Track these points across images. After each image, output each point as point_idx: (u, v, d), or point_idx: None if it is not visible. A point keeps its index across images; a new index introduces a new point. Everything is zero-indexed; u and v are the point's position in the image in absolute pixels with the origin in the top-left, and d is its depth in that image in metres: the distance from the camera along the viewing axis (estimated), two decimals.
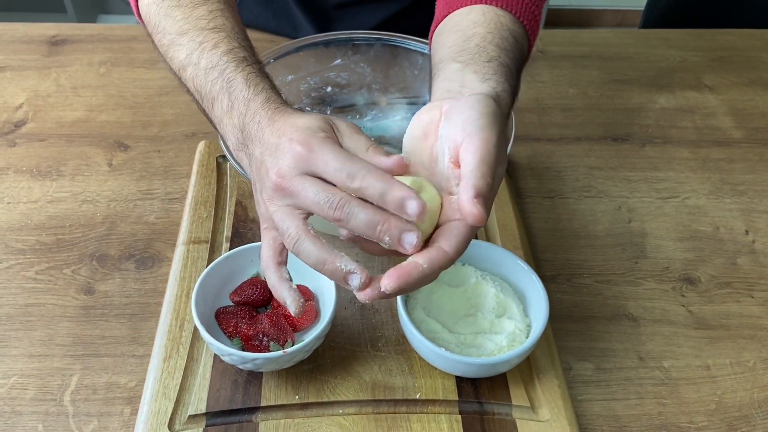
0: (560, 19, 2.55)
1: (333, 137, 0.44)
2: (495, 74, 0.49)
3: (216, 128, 0.53)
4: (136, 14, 0.62)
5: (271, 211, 0.44)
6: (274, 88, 0.51)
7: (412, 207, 0.39)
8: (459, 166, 0.43)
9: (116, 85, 0.91)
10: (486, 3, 0.56)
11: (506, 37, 0.53)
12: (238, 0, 0.98)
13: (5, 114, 0.85)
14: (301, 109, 0.48)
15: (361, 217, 0.40)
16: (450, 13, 0.58)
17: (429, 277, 0.41)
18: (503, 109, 0.47)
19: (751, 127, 0.90)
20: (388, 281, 0.40)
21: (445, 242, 0.42)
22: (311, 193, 0.42)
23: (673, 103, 0.93)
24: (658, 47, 1.03)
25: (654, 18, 1.25)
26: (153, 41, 0.59)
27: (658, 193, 0.79)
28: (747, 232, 0.75)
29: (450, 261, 0.42)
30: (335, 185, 0.42)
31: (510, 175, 0.79)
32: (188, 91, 0.56)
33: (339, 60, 0.77)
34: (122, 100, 0.88)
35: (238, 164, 0.53)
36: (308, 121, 0.44)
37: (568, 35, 1.06)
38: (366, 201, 0.41)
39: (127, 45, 0.98)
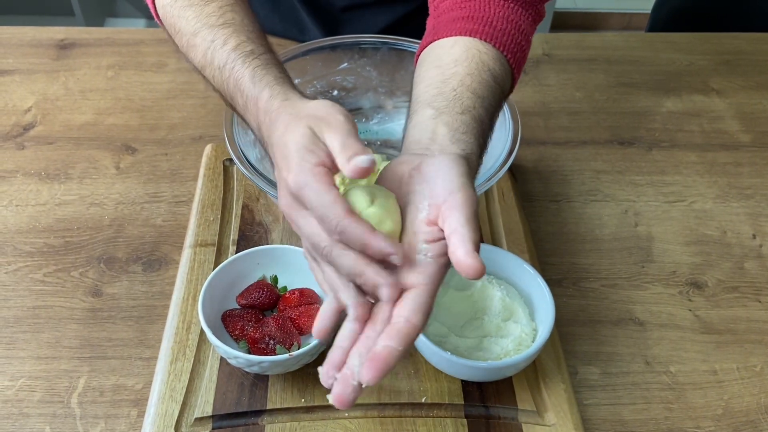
0: (566, 22, 2.54)
1: (324, 161, 0.42)
2: (465, 133, 0.49)
3: (245, 122, 0.54)
4: (155, 17, 0.62)
5: (291, 217, 0.45)
6: (277, 77, 0.50)
7: (397, 258, 0.40)
8: (435, 224, 0.43)
9: (124, 88, 0.91)
10: (471, 35, 0.55)
11: (485, 80, 0.53)
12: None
13: (14, 117, 0.86)
14: (302, 94, 0.48)
15: (343, 266, 0.41)
16: (435, 40, 0.57)
17: (404, 355, 0.41)
18: (472, 169, 0.47)
19: (759, 131, 0.89)
20: (367, 373, 0.39)
21: (414, 315, 0.41)
22: (305, 233, 0.43)
23: (680, 107, 0.93)
24: (665, 51, 1.03)
25: (661, 21, 1.25)
26: (175, 44, 0.59)
27: (665, 197, 0.79)
28: (754, 236, 0.75)
29: (419, 332, 0.42)
30: None
31: (516, 178, 0.79)
32: (214, 89, 0.56)
33: (346, 63, 0.77)
34: (130, 104, 0.89)
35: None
36: (299, 143, 0.43)
37: (574, 38, 1.06)
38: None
39: (135, 49, 0.98)
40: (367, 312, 0.42)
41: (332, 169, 0.43)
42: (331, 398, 0.40)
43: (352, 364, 0.41)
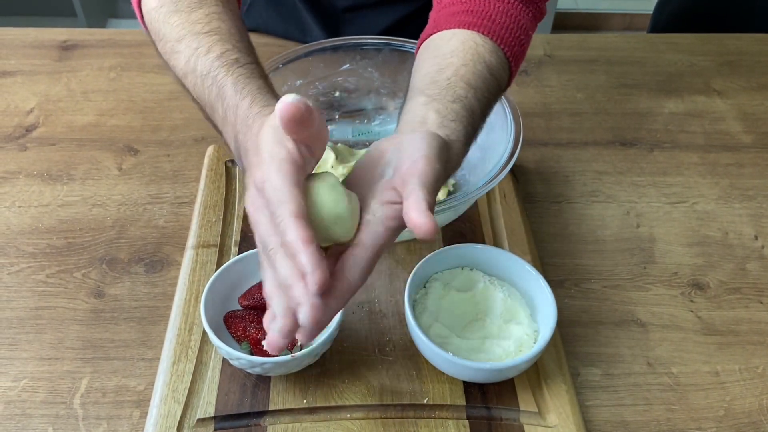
0: (568, 22, 2.54)
1: (291, 153, 0.42)
2: (454, 121, 0.49)
3: (221, 135, 0.53)
4: (140, 22, 0.62)
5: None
6: (261, 87, 0.50)
7: (309, 283, 0.39)
8: (394, 189, 0.44)
9: (126, 89, 0.91)
10: (470, 28, 0.56)
11: (480, 71, 0.53)
12: (247, 4, 0.99)
13: (16, 118, 0.86)
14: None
15: (280, 272, 0.40)
16: (435, 32, 0.58)
17: (337, 310, 0.42)
18: (452, 155, 0.48)
19: (761, 132, 0.89)
20: (301, 336, 0.40)
21: (350, 272, 0.42)
22: (259, 231, 0.42)
23: (681, 108, 0.93)
24: (667, 51, 1.03)
25: (662, 22, 1.25)
26: (157, 49, 0.59)
27: (667, 198, 0.79)
28: (756, 237, 0.75)
29: (355, 291, 0.42)
30: None
31: (518, 179, 0.79)
32: (193, 98, 0.55)
33: (347, 65, 0.77)
34: (132, 105, 0.89)
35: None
36: (270, 137, 0.43)
37: (575, 39, 1.06)
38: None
39: (137, 50, 0.98)
40: (294, 327, 0.40)
41: (302, 165, 0.42)
42: (265, 343, 0.41)
43: (276, 311, 0.41)
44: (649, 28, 1.30)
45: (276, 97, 0.49)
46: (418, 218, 0.41)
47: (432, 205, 0.42)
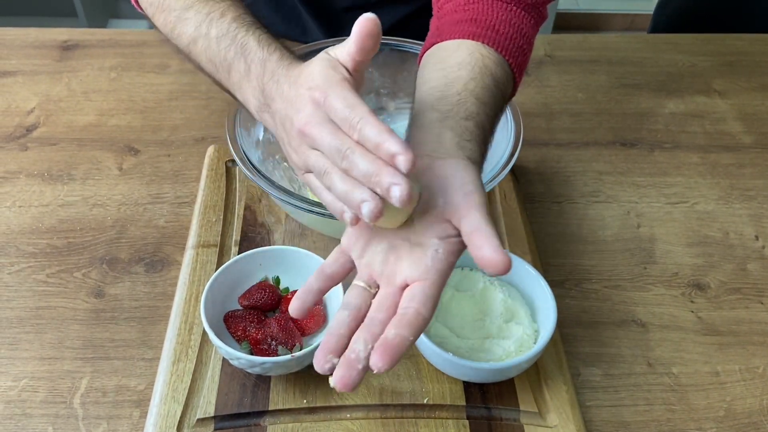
0: (569, 22, 2.54)
1: (347, 77, 0.44)
2: (470, 141, 0.49)
3: (234, 96, 0.54)
4: (134, 1, 0.62)
5: (303, 156, 0.45)
6: (286, 46, 0.51)
7: (401, 161, 0.39)
8: (448, 222, 0.44)
9: (127, 89, 0.91)
10: (475, 39, 0.56)
11: (488, 85, 0.53)
12: (248, 3, 0.99)
13: (17, 118, 0.86)
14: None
15: (360, 167, 0.40)
16: (439, 41, 0.58)
17: (412, 345, 0.41)
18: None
19: (761, 132, 0.89)
20: (380, 360, 0.39)
21: (423, 307, 0.42)
22: (326, 141, 0.42)
23: (682, 108, 0.93)
24: (667, 52, 1.03)
25: (663, 22, 1.25)
26: (156, 25, 0.59)
27: (667, 199, 0.79)
28: (757, 237, 0.75)
29: (427, 324, 0.42)
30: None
31: (518, 180, 0.79)
32: (199, 66, 0.56)
33: None
34: (133, 105, 0.89)
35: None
36: (321, 66, 0.45)
37: (576, 39, 1.06)
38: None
39: (138, 50, 0.98)
40: (382, 206, 0.40)
41: (355, 87, 0.44)
42: (334, 381, 0.40)
43: (357, 349, 0.40)
44: (649, 29, 1.30)
45: (298, 57, 0.51)
46: (494, 256, 0.41)
47: (498, 236, 0.42)
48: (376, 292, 0.44)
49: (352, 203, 0.41)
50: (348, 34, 0.84)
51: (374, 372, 0.39)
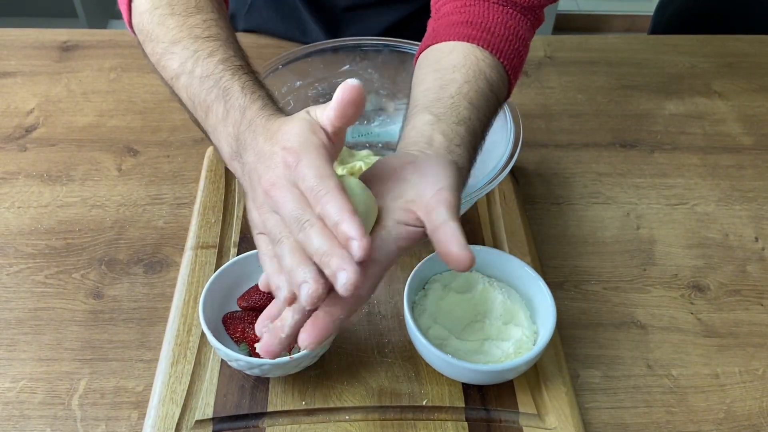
0: (569, 24, 2.54)
1: (325, 143, 0.43)
2: (459, 146, 0.49)
3: (209, 137, 0.52)
4: (127, 24, 0.61)
5: (263, 217, 0.44)
6: (270, 96, 0.51)
7: (354, 247, 0.39)
8: (412, 211, 0.44)
9: (126, 90, 0.91)
10: (470, 41, 0.56)
11: (481, 89, 0.53)
12: (247, 4, 0.99)
13: (16, 119, 0.86)
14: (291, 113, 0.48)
15: (314, 243, 0.40)
16: (435, 43, 0.58)
17: (345, 322, 0.42)
18: (462, 180, 0.49)
19: (761, 134, 0.89)
20: (307, 338, 0.40)
21: (362, 285, 0.41)
22: (288, 207, 0.42)
23: (682, 110, 0.93)
24: (667, 53, 1.03)
25: (663, 23, 1.25)
26: (145, 52, 0.58)
27: (667, 200, 0.79)
28: (757, 239, 0.75)
29: (363, 303, 0.43)
30: None
31: (518, 181, 0.79)
32: (180, 100, 0.55)
33: (347, 66, 0.77)
34: (132, 106, 0.89)
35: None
36: (300, 127, 0.44)
37: (576, 41, 1.06)
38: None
39: (137, 51, 0.97)
40: (322, 291, 0.40)
41: (332, 157, 0.43)
42: (259, 347, 0.42)
43: (285, 317, 0.42)
44: (649, 30, 1.30)
45: (282, 109, 0.50)
46: (459, 252, 0.41)
47: (464, 233, 0.43)
48: None
49: (293, 280, 0.41)
50: (347, 34, 0.84)
51: (302, 348, 0.41)
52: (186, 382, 0.57)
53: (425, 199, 0.44)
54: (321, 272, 0.40)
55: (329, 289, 0.40)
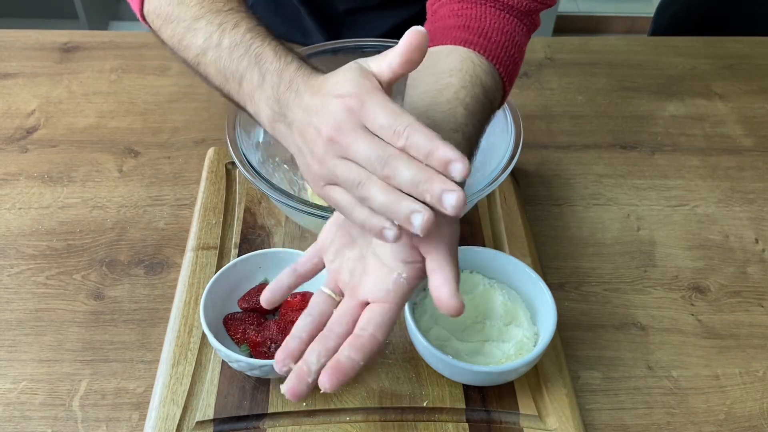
0: (569, 25, 2.55)
1: (380, 88, 0.42)
2: None
3: (245, 108, 0.52)
4: (139, 15, 0.61)
5: (329, 166, 0.43)
6: (303, 58, 0.50)
7: (457, 169, 0.38)
8: (414, 247, 0.44)
9: (127, 91, 0.92)
10: (466, 46, 0.56)
11: (477, 95, 0.53)
12: (249, 5, 1.00)
13: (17, 120, 0.86)
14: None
15: (405, 174, 0.39)
16: (431, 46, 0.57)
17: (364, 368, 0.42)
18: None
19: (761, 135, 0.89)
20: (328, 381, 0.40)
21: (378, 331, 0.43)
22: (363, 148, 0.40)
23: (682, 111, 0.93)
24: (668, 55, 1.03)
25: (663, 25, 1.25)
26: (162, 38, 0.58)
27: (668, 201, 0.79)
28: (757, 240, 0.75)
29: (380, 347, 0.43)
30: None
31: (518, 182, 0.79)
32: (207, 79, 0.55)
33: None
34: (133, 107, 0.89)
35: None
36: (352, 74, 0.43)
37: (576, 42, 1.06)
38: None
39: (138, 52, 0.98)
40: (432, 222, 0.39)
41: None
42: (284, 389, 0.42)
43: (310, 361, 0.42)
44: (650, 31, 1.30)
45: (317, 68, 0.49)
46: (448, 300, 0.41)
47: (458, 280, 0.43)
48: (341, 300, 0.46)
49: (397, 215, 0.39)
50: (348, 36, 0.84)
51: (321, 391, 0.41)
52: (187, 383, 0.57)
53: (425, 238, 0.43)
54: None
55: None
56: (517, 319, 0.59)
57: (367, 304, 0.45)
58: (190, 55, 0.55)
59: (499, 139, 0.65)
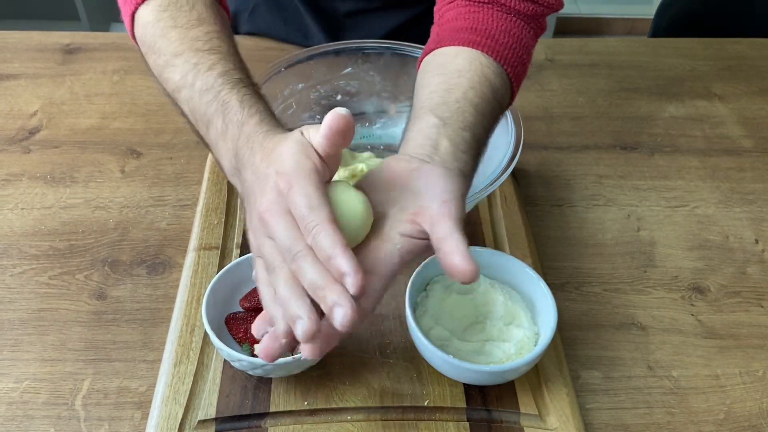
0: (569, 27, 2.55)
1: (317, 166, 0.43)
2: (465, 152, 0.49)
3: (211, 151, 0.53)
4: (130, 36, 0.61)
5: (259, 241, 0.44)
6: (267, 109, 0.50)
7: (349, 283, 0.39)
8: (416, 223, 0.44)
9: (129, 92, 0.92)
10: (474, 47, 0.56)
11: (486, 95, 0.54)
12: (250, 8, 1.00)
13: (20, 121, 0.87)
14: (290, 130, 0.48)
15: (308, 276, 0.40)
16: (439, 47, 0.58)
17: (348, 334, 0.42)
18: (467, 191, 0.49)
19: (761, 136, 0.89)
20: (310, 350, 0.40)
21: (365, 300, 0.42)
22: (280, 237, 0.42)
23: (682, 112, 0.93)
24: (668, 56, 1.03)
25: (663, 27, 1.25)
26: (147, 63, 0.58)
27: (668, 202, 0.79)
28: (757, 241, 0.75)
29: (366, 317, 0.42)
30: None
31: (519, 183, 0.80)
32: (182, 113, 0.55)
33: (349, 68, 0.78)
34: (135, 108, 0.89)
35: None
36: (294, 149, 0.43)
37: (577, 44, 1.06)
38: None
39: (140, 54, 0.98)
40: (316, 329, 0.40)
41: (325, 180, 0.43)
42: (258, 349, 0.43)
43: (285, 321, 0.42)
44: (650, 33, 1.30)
45: (279, 123, 0.50)
46: (462, 264, 0.41)
47: (467, 246, 0.43)
48: None
49: (288, 312, 0.40)
50: (349, 38, 0.84)
51: (303, 358, 0.42)
52: (189, 383, 0.57)
53: (431, 212, 0.44)
54: (315, 305, 0.40)
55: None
56: (517, 318, 0.60)
57: None
58: (168, 88, 0.56)
59: (500, 139, 0.65)
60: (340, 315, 0.39)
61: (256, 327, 0.45)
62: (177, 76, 0.53)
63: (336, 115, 0.42)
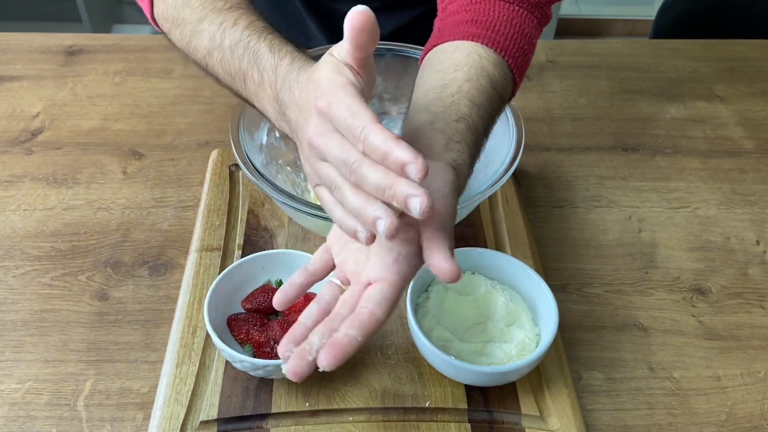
0: (570, 28, 2.55)
1: (352, 80, 0.42)
2: (459, 142, 0.49)
3: (254, 106, 0.53)
4: (150, 18, 0.62)
5: (315, 168, 0.44)
6: (297, 49, 0.51)
7: (412, 171, 0.38)
8: (413, 226, 0.44)
9: (131, 94, 0.92)
10: (474, 40, 0.56)
11: (483, 86, 0.53)
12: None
13: (22, 122, 0.87)
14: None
15: (371, 181, 0.39)
16: (439, 43, 0.58)
17: (363, 345, 0.42)
18: (461, 178, 0.48)
19: (762, 138, 0.89)
20: (325, 359, 0.40)
21: (378, 308, 0.42)
22: (333, 154, 0.41)
23: (683, 113, 0.93)
24: (669, 57, 1.03)
25: (665, 28, 1.25)
26: (172, 41, 0.59)
27: (669, 203, 0.79)
28: (758, 242, 0.75)
29: (381, 325, 0.42)
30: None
31: (520, 184, 0.80)
32: (217, 79, 0.55)
33: None
34: (137, 109, 0.90)
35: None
36: (326, 70, 0.43)
37: (578, 45, 1.07)
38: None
39: (142, 55, 0.99)
40: (399, 223, 0.39)
41: (362, 91, 0.42)
42: (285, 369, 0.42)
43: (312, 341, 0.42)
44: (651, 34, 1.30)
45: (310, 58, 0.50)
46: (442, 264, 0.41)
47: (452, 249, 0.43)
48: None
49: (365, 220, 0.40)
50: None
51: (319, 369, 0.41)
52: (191, 384, 0.57)
53: None
54: (388, 204, 0.39)
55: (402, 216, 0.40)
56: (518, 319, 0.60)
57: (369, 285, 0.45)
58: (198, 57, 0.56)
59: (501, 141, 0.65)
60: (417, 204, 0.37)
61: (282, 347, 0.44)
62: (205, 40, 0.54)
63: (355, 12, 0.40)
